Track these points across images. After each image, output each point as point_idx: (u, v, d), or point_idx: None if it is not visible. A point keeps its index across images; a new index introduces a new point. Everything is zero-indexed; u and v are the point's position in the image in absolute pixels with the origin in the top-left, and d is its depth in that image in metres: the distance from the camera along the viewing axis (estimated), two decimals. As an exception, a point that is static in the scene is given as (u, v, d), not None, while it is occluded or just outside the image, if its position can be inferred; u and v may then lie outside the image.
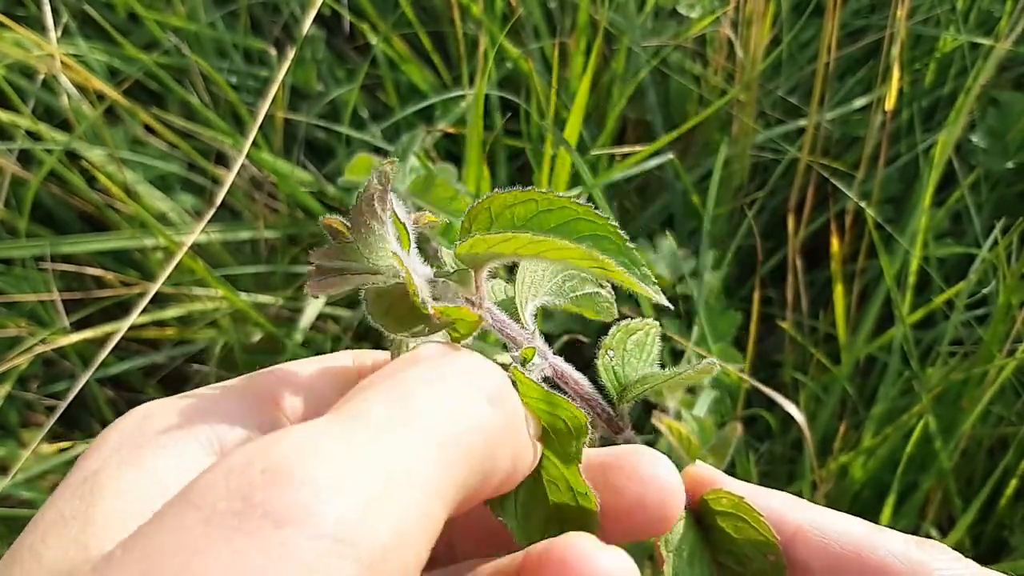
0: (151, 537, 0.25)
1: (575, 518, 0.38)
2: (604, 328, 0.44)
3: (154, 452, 0.32)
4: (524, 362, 0.38)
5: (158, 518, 0.26)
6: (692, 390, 1.04)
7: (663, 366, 0.44)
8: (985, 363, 0.98)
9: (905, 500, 1.02)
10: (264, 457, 0.27)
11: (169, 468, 0.31)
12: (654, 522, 0.38)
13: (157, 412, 0.34)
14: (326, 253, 0.36)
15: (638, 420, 1.12)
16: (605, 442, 0.42)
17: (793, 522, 0.40)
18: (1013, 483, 0.98)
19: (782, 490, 0.42)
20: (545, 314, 1.11)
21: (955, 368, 1.01)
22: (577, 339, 1.11)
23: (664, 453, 0.42)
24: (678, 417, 0.95)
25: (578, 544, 0.32)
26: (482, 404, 0.31)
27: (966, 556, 0.39)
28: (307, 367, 0.39)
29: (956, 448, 0.99)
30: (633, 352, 0.44)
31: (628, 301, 1.16)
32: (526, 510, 0.39)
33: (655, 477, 0.38)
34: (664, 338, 1.10)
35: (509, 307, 0.40)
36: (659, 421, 0.89)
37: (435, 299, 0.36)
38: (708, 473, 0.43)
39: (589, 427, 0.36)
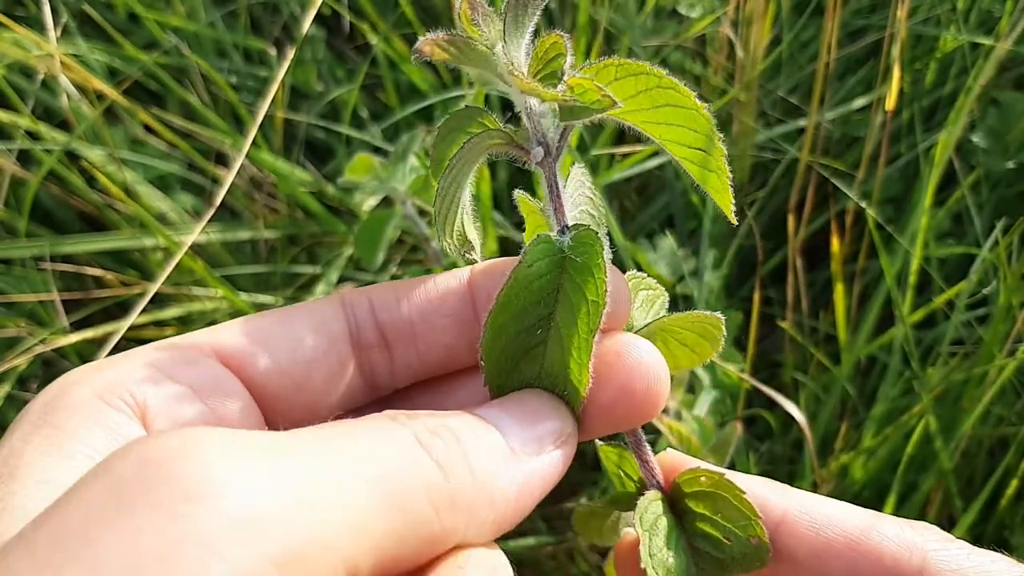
0: (60, 513, 0.25)
1: (558, 387, 0.38)
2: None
3: (75, 426, 0.31)
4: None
5: (69, 493, 0.26)
6: (692, 390, 1.03)
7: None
8: (986, 363, 0.98)
9: (906, 500, 1.02)
10: (183, 437, 0.26)
11: (91, 441, 0.31)
12: (639, 410, 0.38)
13: (80, 380, 0.33)
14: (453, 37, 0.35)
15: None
16: None
17: (778, 508, 0.39)
18: (1014, 483, 0.98)
19: None
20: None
21: (955, 368, 1.01)
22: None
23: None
24: (678, 417, 0.95)
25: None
26: (425, 460, 0.30)
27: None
28: (271, 318, 0.38)
29: (957, 448, 0.99)
30: (642, 306, 0.43)
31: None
32: (513, 363, 0.38)
33: (640, 363, 0.37)
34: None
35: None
36: (660, 421, 0.89)
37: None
38: (682, 458, 0.42)
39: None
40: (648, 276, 0.44)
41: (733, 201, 0.38)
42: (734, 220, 0.38)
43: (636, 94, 0.36)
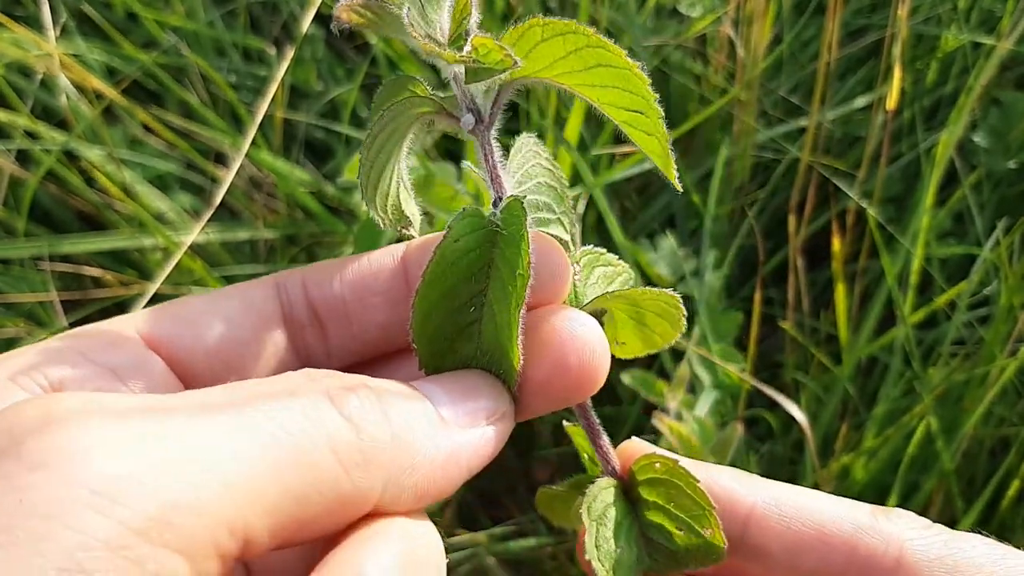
0: None
1: (495, 365, 0.36)
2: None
3: None
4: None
5: None
6: (693, 390, 1.03)
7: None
8: (987, 364, 0.97)
9: (907, 501, 1.01)
10: (46, 403, 0.25)
11: None
12: (575, 385, 0.36)
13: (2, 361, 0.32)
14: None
15: (638, 421, 1.12)
16: None
17: (746, 501, 0.37)
18: (1015, 484, 0.98)
19: None
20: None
21: (957, 369, 1.01)
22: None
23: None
24: (679, 418, 0.95)
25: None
26: (332, 415, 0.28)
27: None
28: (200, 300, 0.37)
29: (958, 449, 0.99)
30: (598, 282, 0.41)
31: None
32: (448, 344, 0.36)
33: (574, 337, 0.36)
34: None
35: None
36: (660, 422, 0.89)
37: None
38: (644, 446, 0.40)
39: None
40: (608, 253, 0.42)
41: (676, 167, 0.36)
42: (678, 186, 0.36)
43: (566, 55, 0.34)
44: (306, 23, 1.04)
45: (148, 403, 0.26)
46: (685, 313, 0.40)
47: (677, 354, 1.11)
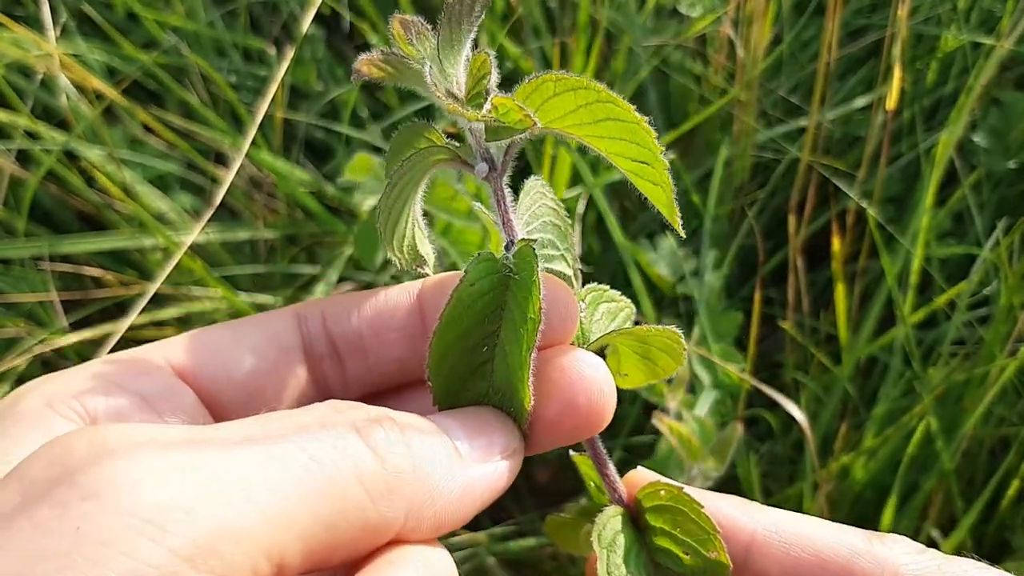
0: None
1: (506, 403, 0.37)
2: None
3: (19, 433, 0.31)
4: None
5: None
6: (693, 390, 1.03)
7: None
8: (987, 363, 0.97)
9: (907, 501, 1.01)
10: (95, 435, 0.26)
11: (33, 447, 0.30)
12: (584, 423, 0.38)
13: (32, 390, 0.33)
14: (388, 53, 0.36)
15: (639, 421, 1.12)
16: None
17: (747, 528, 0.39)
18: (1015, 484, 0.98)
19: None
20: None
21: (957, 368, 1.01)
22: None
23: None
24: (679, 418, 0.95)
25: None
26: (359, 447, 0.30)
27: (968, 557, 0.38)
28: (224, 330, 0.38)
29: (958, 449, 0.99)
30: (601, 319, 0.43)
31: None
32: (461, 383, 0.38)
33: (583, 378, 0.37)
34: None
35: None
36: (660, 422, 0.89)
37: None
38: (648, 475, 0.42)
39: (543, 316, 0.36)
40: (611, 289, 0.43)
41: (679, 214, 0.39)
42: (681, 232, 0.39)
43: (576, 108, 0.36)
44: (306, 23, 1.05)
45: (190, 435, 0.27)
46: (687, 348, 0.42)
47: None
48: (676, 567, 0.39)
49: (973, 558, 0.37)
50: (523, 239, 0.38)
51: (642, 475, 0.42)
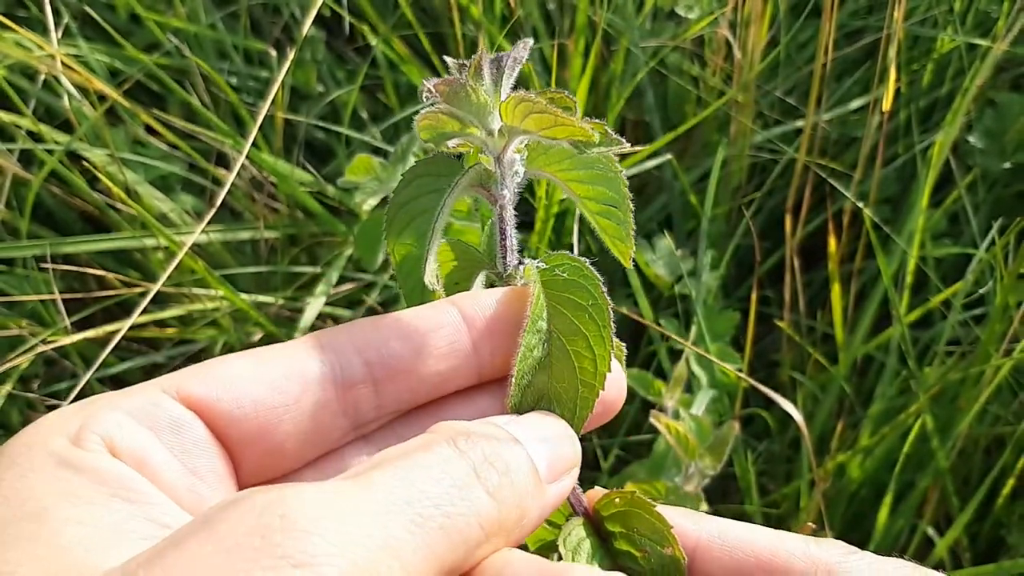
0: (171, 559, 0.28)
1: (566, 402, 0.41)
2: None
3: (44, 469, 0.33)
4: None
5: (176, 544, 0.28)
6: (690, 389, 1.04)
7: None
8: (982, 363, 0.98)
9: (902, 499, 1.02)
10: (283, 504, 0.29)
11: (96, 485, 0.33)
12: (597, 420, 0.43)
13: (52, 425, 0.35)
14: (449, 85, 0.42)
15: (636, 419, 1.13)
16: None
17: (693, 534, 0.42)
18: (1010, 482, 0.98)
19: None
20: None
21: (952, 368, 1.01)
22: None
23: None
24: (676, 416, 0.96)
25: None
26: (480, 495, 0.34)
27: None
28: (242, 362, 0.39)
29: (953, 447, 0.99)
30: None
31: (626, 301, 1.16)
32: (532, 388, 0.42)
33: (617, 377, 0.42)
34: (662, 338, 1.10)
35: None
36: (657, 420, 0.89)
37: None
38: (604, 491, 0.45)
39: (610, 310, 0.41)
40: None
41: (633, 251, 0.45)
42: (629, 265, 0.46)
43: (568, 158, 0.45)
44: (307, 25, 1.05)
45: (356, 496, 0.31)
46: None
47: (675, 353, 1.11)
48: (636, 567, 0.42)
49: (903, 558, 0.40)
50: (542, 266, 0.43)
51: (599, 492, 0.45)
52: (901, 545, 1.01)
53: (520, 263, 0.45)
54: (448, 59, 0.43)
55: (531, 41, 0.44)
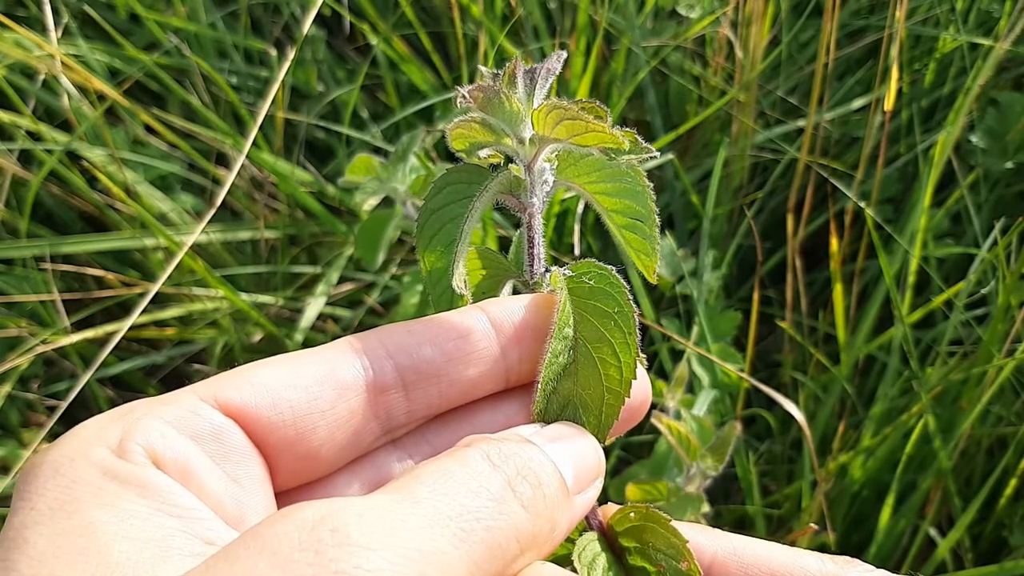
0: (224, 571, 0.28)
1: (592, 409, 0.42)
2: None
3: (119, 488, 0.33)
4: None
5: (228, 560, 0.29)
6: (692, 389, 1.04)
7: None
8: (984, 363, 0.98)
9: (904, 500, 1.02)
10: (333, 519, 0.30)
11: (141, 501, 0.33)
12: (624, 425, 0.43)
13: (91, 439, 0.35)
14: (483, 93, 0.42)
15: (638, 420, 1.12)
16: None
17: (708, 550, 0.41)
18: (1012, 483, 0.98)
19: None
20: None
21: (954, 368, 1.01)
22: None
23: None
24: (677, 416, 0.95)
25: None
26: (516, 509, 0.35)
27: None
28: (279, 368, 0.39)
29: (955, 448, 0.99)
30: None
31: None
32: (557, 394, 0.42)
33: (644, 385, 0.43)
34: (664, 338, 1.10)
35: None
36: (658, 421, 0.89)
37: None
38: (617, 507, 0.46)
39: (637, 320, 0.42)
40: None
41: (658, 265, 0.46)
42: (653, 279, 0.46)
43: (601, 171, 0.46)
44: (307, 24, 1.05)
45: (380, 503, 0.32)
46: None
47: (676, 354, 1.11)
48: None
49: (917, 574, 0.40)
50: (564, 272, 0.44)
51: (613, 508, 0.45)
52: (903, 546, 1.01)
53: (547, 270, 0.45)
54: (482, 67, 0.43)
55: (564, 54, 0.44)
